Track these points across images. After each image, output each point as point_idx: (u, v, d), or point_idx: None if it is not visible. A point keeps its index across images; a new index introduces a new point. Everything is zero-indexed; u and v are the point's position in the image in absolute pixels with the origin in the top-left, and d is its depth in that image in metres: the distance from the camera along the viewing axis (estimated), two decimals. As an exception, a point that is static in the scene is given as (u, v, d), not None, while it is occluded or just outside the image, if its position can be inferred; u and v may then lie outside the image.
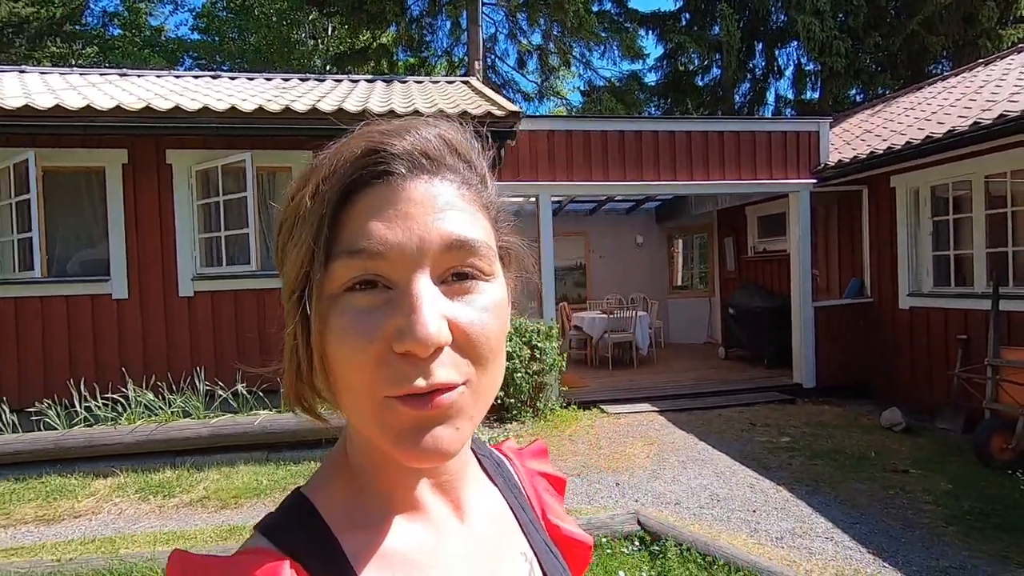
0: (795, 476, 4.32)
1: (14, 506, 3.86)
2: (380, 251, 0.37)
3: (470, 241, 0.39)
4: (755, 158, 6.76)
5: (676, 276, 11.33)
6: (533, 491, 0.58)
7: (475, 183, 0.43)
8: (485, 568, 0.46)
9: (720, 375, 7.61)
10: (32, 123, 4.77)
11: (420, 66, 15.31)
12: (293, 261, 0.39)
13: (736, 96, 15.05)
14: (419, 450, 0.37)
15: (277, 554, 0.38)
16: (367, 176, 0.39)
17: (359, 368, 0.37)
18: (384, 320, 0.37)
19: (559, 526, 0.57)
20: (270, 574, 0.36)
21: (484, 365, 0.39)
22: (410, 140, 0.40)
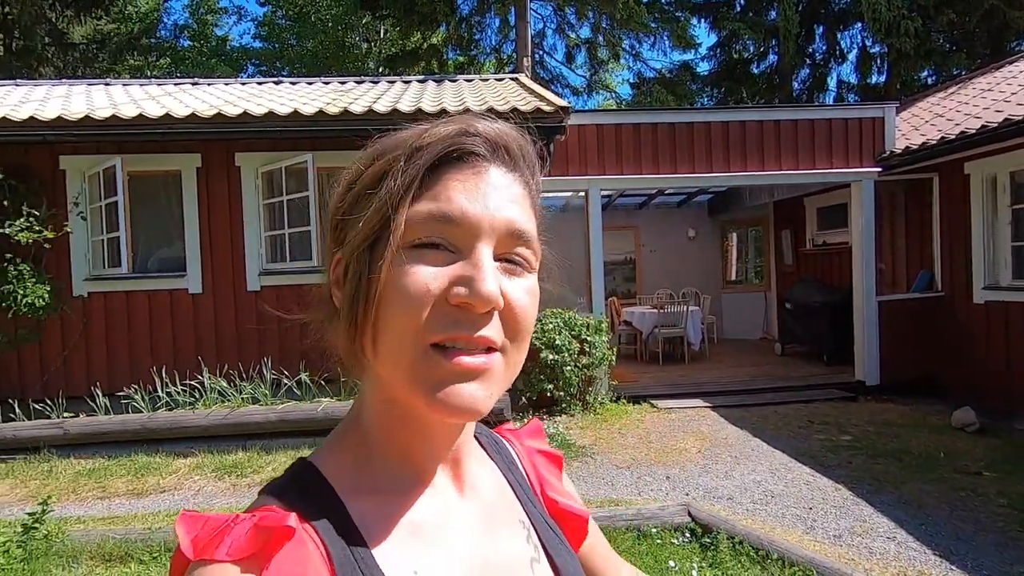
0: (856, 475, 4.18)
1: (109, 480, 4.25)
2: (457, 218, 0.41)
3: (528, 233, 0.44)
4: (814, 147, 6.52)
5: (730, 270, 11.03)
6: (532, 467, 0.60)
7: (533, 188, 0.47)
8: (486, 533, 0.48)
9: (776, 371, 7.40)
10: (118, 132, 5.19)
11: (469, 64, 15.50)
12: (374, 212, 0.42)
13: (794, 83, 14.46)
14: (453, 403, 0.40)
15: (283, 507, 0.40)
16: (458, 152, 0.43)
17: (415, 310, 0.39)
18: (447, 272, 0.40)
19: (556, 500, 0.59)
20: (277, 519, 0.38)
21: (518, 341, 0.43)
22: (497, 131, 0.45)
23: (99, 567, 3.02)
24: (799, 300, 7.79)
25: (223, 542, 0.37)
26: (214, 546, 0.37)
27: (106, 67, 15.96)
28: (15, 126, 5.02)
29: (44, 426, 4.74)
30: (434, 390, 0.40)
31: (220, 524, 0.38)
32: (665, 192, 9.30)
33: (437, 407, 0.40)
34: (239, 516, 0.38)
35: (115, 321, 5.62)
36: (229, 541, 0.37)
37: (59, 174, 5.61)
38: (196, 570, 0.36)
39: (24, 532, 3.02)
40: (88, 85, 7.49)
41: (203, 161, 5.71)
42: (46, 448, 4.67)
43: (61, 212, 5.48)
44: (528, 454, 0.61)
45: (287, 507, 0.40)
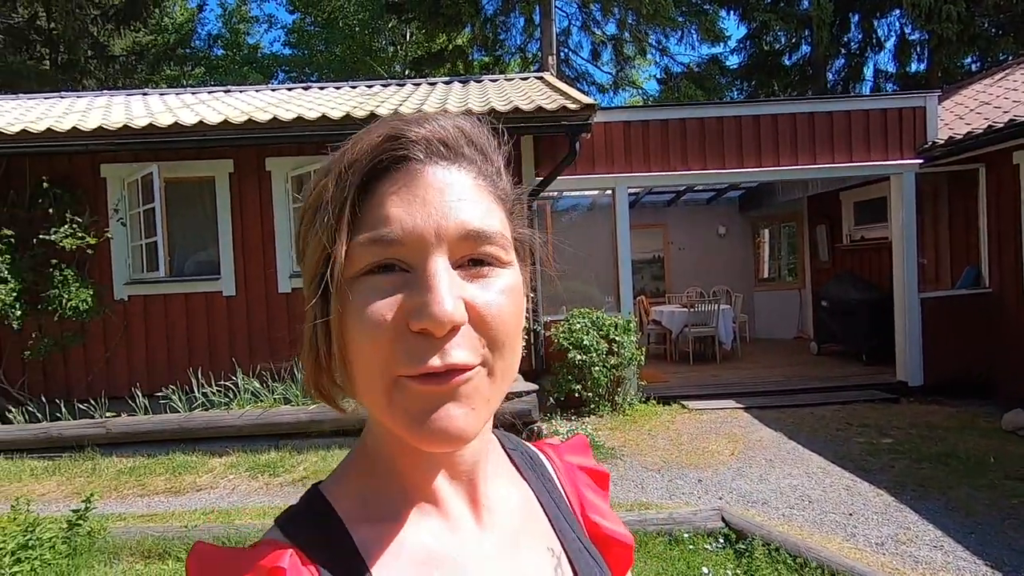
0: (898, 480, 4.01)
1: (148, 479, 4.38)
2: (398, 237, 0.38)
3: (486, 231, 0.39)
4: (850, 139, 6.30)
5: (762, 268, 10.77)
6: (572, 487, 0.56)
7: (491, 174, 0.43)
8: (504, 561, 0.45)
9: (812, 371, 7.18)
10: (155, 140, 5.35)
11: (494, 64, 15.52)
12: (315, 246, 0.40)
13: (829, 74, 14.04)
14: (432, 431, 0.37)
15: (284, 543, 0.39)
16: (387, 161, 0.39)
17: (375, 345, 0.37)
18: (402, 299, 0.37)
19: (599, 524, 0.54)
20: (271, 559, 0.37)
21: (500, 348, 0.39)
22: (428, 128, 0.40)
23: (139, 563, 3.11)
24: (836, 297, 7.54)
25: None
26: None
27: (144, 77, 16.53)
28: (60, 136, 5.22)
29: (88, 425, 4.92)
30: (413, 421, 0.37)
31: (225, 559, 0.38)
32: (694, 189, 9.13)
33: (418, 438, 0.37)
34: (244, 551, 0.38)
35: (154, 323, 5.80)
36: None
37: (100, 182, 5.82)
38: None
39: (69, 528, 3.13)
40: (127, 96, 7.75)
41: (235, 166, 5.84)
42: (90, 446, 4.84)
43: (102, 219, 5.69)
44: (568, 471, 0.57)
45: (290, 541, 0.40)
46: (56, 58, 15.17)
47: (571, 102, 5.54)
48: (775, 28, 13.50)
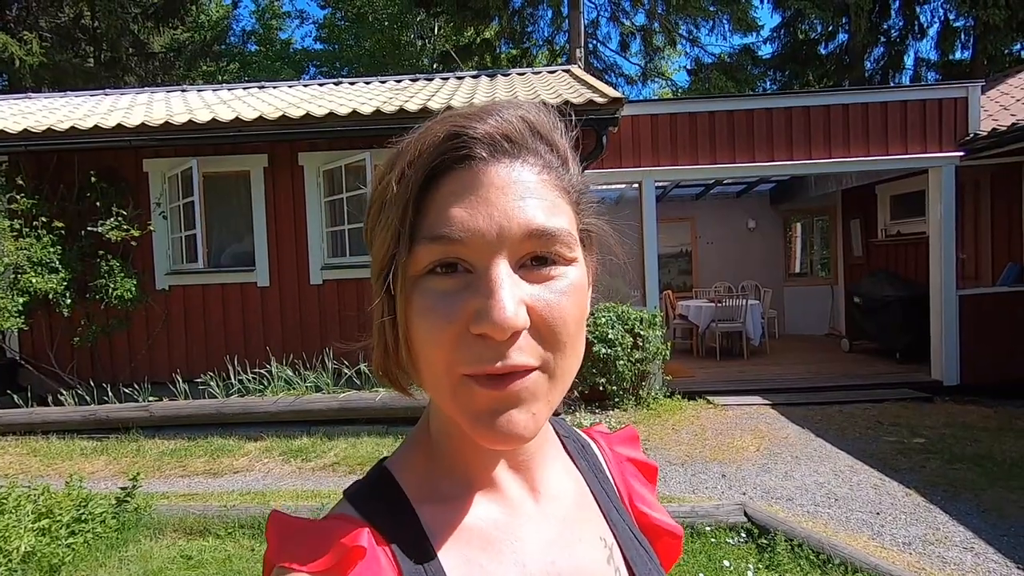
0: (929, 480, 3.94)
1: (188, 460, 4.59)
2: (460, 237, 0.37)
3: (550, 230, 0.38)
4: (887, 131, 6.13)
5: (794, 263, 10.56)
6: (620, 476, 0.56)
7: (556, 166, 0.42)
8: (560, 549, 0.45)
9: (842, 369, 7.05)
10: (194, 135, 5.55)
11: (522, 57, 15.49)
12: (380, 243, 0.41)
13: (867, 63, 13.58)
14: (494, 432, 0.38)
15: (359, 520, 0.41)
16: (449, 161, 0.39)
17: (438, 346, 0.38)
18: (463, 302, 0.37)
19: (648, 514, 0.55)
20: (352, 538, 0.38)
21: (562, 349, 0.39)
22: (492, 123, 0.39)
23: (181, 539, 3.29)
24: (869, 293, 7.37)
25: (303, 552, 0.38)
26: (295, 554, 0.38)
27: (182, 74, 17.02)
28: (105, 133, 5.46)
29: (132, 408, 5.17)
30: (475, 420, 0.38)
31: (303, 531, 0.40)
32: (723, 182, 8.99)
33: (480, 436, 0.39)
34: (320, 524, 0.40)
35: (193, 312, 6.05)
36: (308, 551, 0.38)
37: (143, 176, 6.07)
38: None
39: (118, 505, 3.33)
40: (167, 92, 8.03)
41: (269, 161, 6.02)
42: (135, 428, 5.09)
43: (145, 211, 5.93)
44: (618, 461, 0.57)
45: (363, 518, 0.41)
46: (100, 56, 15.73)
47: (599, 95, 5.53)
48: (811, 16, 13.11)
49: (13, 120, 6.02)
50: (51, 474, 4.31)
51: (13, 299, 5.33)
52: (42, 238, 5.51)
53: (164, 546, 3.20)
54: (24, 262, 5.36)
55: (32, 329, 5.83)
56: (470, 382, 0.38)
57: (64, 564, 2.89)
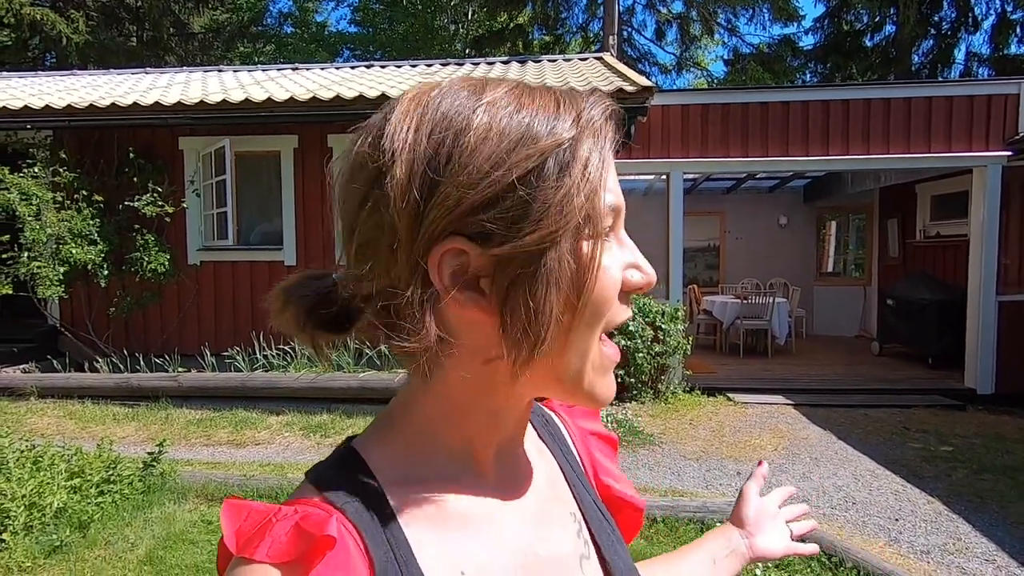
0: (954, 489, 3.83)
1: (213, 430, 4.75)
2: (619, 205, 0.41)
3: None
4: (929, 128, 5.89)
5: (826, 262, 10.27)
6: (584, 450, 0.56)
7: None
8: (536, 526, 0.45)
9: (871, 372, 6.86)
10: (227, 115, 5.67)
11: (555, 43, 15.32)
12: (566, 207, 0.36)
13: (914, 56, 13.04)
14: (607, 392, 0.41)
15: (325, 505, 0.38)
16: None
17: (606, 305, 0.39)
18: (621, 261, 0.41)
19: (611, 487, 0.56)
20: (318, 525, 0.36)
21: None
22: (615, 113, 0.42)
23: (203, 505, 3.41)
24: (904, 296, 7.14)
25: (264, 540, 0.35)
26: (256, 543, 0.35)
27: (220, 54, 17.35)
28: (143, 110, 5.62)
29: (162, 378, 5.36)
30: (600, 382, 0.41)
31: (262, 518, 0.37)
32: (756, 176, 8.78)
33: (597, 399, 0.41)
34: (281, 509, 0.37)
35: (222, 288, 6.21)
36: (270, 540, 0.35)
37: (178, 154, 6.23)
38: (238, 567, 0.36)
39: (144, 469, 3.47)
40: (204, 72, 8.19)
41: (300, 142, 6.11)
42: (164, 397, 5.28)
43: (179, 188, 6.10)
44: (582, 435, 0.57)
45: (330, 502, 0.38)
46: (142, 35, 16.13)
47: (628, 84, 5.45)
48: (857, 6, 12.65)
49: (58, 96, 6.23)
50: (85, 436, 4.50)
51: (54, 268, 5.55)
52: (82, 211, 5.71)
53: (186, 510, 3.32)
54: (65, 233, 5.58)
55: (72, 298, 6.08)
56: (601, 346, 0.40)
57: (93, 521, 3.03)
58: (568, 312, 0.37)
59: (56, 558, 2.78)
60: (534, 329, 0.37)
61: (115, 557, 2.82)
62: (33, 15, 13.17)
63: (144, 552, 2.89)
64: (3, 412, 5.03)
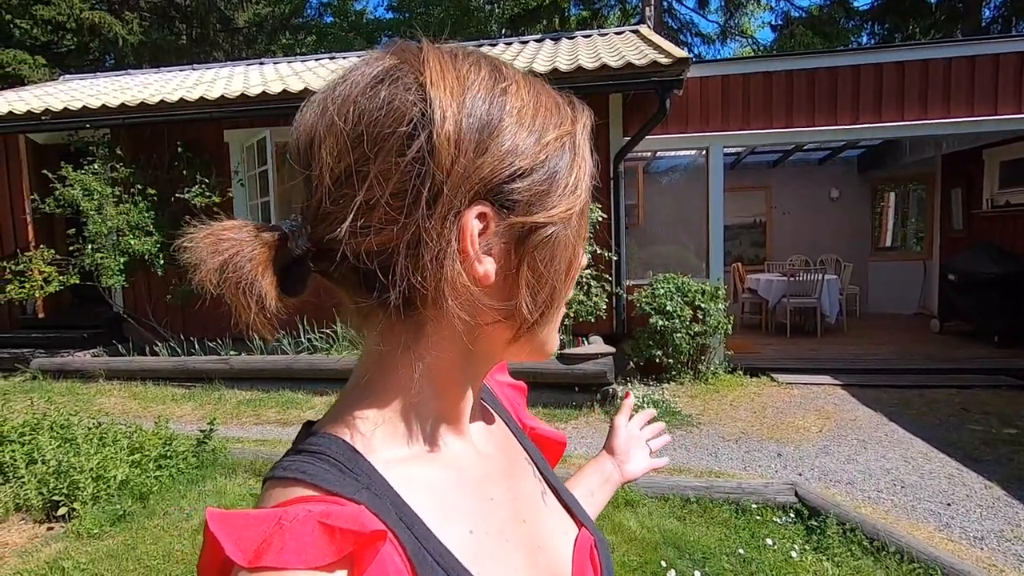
0: (1016, 474, 3.60)
1: (261, 410, 4.99)
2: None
3: None
4: (996, 87, 5.45)
5: (884, 235, 9.73)
6: (506, 400, 0.61)
7: None
8: (507, 477, 0.49)
9: (929, 351, 6.50)
10: (267, 106, 5.83)
11: (592, 19, 14.96)
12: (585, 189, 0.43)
13: (985, 10, 12.01)
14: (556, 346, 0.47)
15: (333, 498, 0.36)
16: None
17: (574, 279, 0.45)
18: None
19: (534, 427, 0.62)
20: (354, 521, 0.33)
21: None
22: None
23: (251, 480, 3.60)
24: (966, 270, 6.69)
25: (285, 545, 0.31)
26: (273, 550, 0.31)
27: (264, 47, 17.81)
28: (190, 105, 5.85)
29: (214, 361, 5.65)
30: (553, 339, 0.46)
31: (267, 522, 0.32)
32: (804, 148, 8.37)
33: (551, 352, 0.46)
34: (286, 511, 0.33)
35: (268, 275, 6.46)
36: (294, 544, 0.31)
37: (224, 146, 6.48)
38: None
39: (198, 445, 3.69)
40: (247, 66, 8.45)
41: (336, 130, 6.22)
42: (217, 379, 5.57)
43: (226, 180, 6.35)
44: (499, 388, 0.62)
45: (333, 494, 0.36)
46: (191, 32, 16.74)
47: (663, 56, 5.27)
48: (919, -41, 11.72)
49: (113, 95, 6.57)
50: (146, 415, 4.82)
51: (115, 259, 5.91)
52: (138, 204, 6.04)
53: (237, 484, 3.52)
54: (124, 225, 5.92)
55: (133, 287, 6.47)
56: None
57: (152, 493, 3.25)
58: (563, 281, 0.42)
59: (120, 526, 3.01)
60: (544, 295, 0.40)
61: (172, 526, 3.03)
62: (92, 18, 13.88)
63: (198, 522, 3.08)
64: (75, 393, 5.44)
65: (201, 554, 0.34)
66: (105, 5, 15.13)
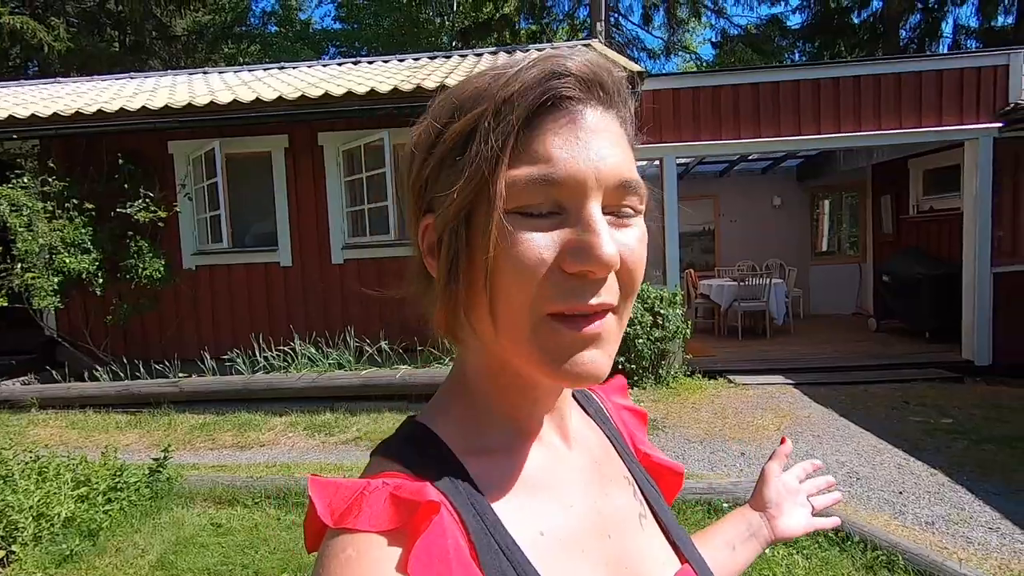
0: (956, 460, 3.87)
1: (217, 434, 4.75)
2: (560, 178, 0.37)
3: (635, 182, 0.40)
4: (920, 102, 5.89)
5: (820, 241, 10.30)
6: (622, 423, 0.59)
7: (629, 122, 0.43)
8: (596, 487, 0.48)
9: (869, 349, 6.91)
10: (216, 117, 5.62)
11: (541, 33, 15.23)
12: (467, 180, 0.38)
13: (902, 31, 13.01)
14: (575, 371, 0.38)
15: (412, 476, 0.39)
16: (551, 99, 0.38)
17: (527, 282, 0.37)
18: (559, 240, 0.38)
19: (650, 455, 0.59)
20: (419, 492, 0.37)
21: (631, 295, 0.41)
22: (589, 68, 0.39)
23: (211, 508, 3.42)
24: (899, 272, 7.17)
25: (361, 511, 0.36)
26: (352, 514, 0.36)
27: (204, 56, 17.16)
28: (131, 115, 5.56)
29: (163, 384, 5.35)
30: (557, 360, 0.38)
31: (353, 491, 0.37)
32: (748, 158, 8.78)
33: (561, 377, 0.39)
34: (370, 483, 0.38)
35: (219, 291, 6.19)
36: (368, 511, 0.36)
37: (168, 158, 6.18)
38: (337, 537, 0.36)
39: (151, 475, 3.47)
40: (190, 75, 8.11)
41: (290, 142, 6.07)
42: (166, 403, 5.27)
43: (171, 193, 6.05)
44: (616, 410, 0.60)
45: (414, 473, 0.39)
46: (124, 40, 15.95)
47: (618, 70, 5.40)
48: (843, -17, 12.60)
49: (43, 104, 6.16)
50: (88, 446, 4.50)
51: (49, 279, 5.52)
52: (74, 220, 5.67)
53: (195, 514, 3.33)
54: (58, 243, 5.54)
55: (68, 308, 6.04)
56: (552, 321, 0.38)
57: (102, 528, 3.03)
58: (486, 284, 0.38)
59: (67, 567, 2.78)
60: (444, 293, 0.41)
61: (126, 563, 2.83)
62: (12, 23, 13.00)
63: (155, 557, 2.89)
64: (5, 425, 5.02)
65: (306, 515, 0.39)
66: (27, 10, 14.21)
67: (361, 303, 5.99)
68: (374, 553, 0.35)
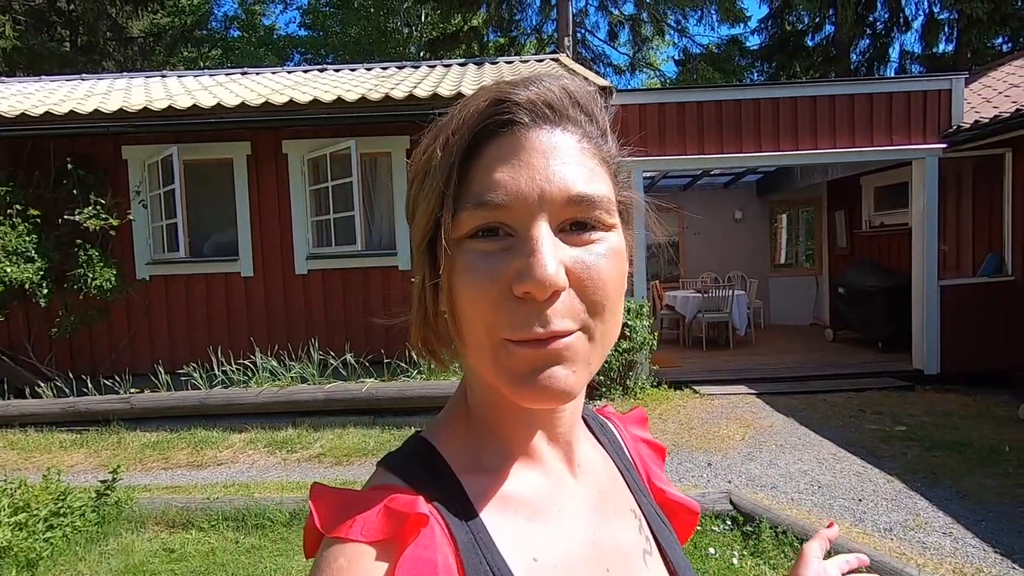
0: (910, 467, 4.01)
1: (171, 452, 4.52)
2: (504, 201, 0.38)
3: (590, 195, 0.39)
4: (872, 123, 6.17)
5: (779, 253, 10.65)
6: (638, 455, 0.58)
7: (596, 136, 0.42)
8: (599, 518, 0.47)
9: (826, 358, 7.14)
10: (174, 122, 5.42)
11: (510, 46, 15.35)
12: (424, 210, 0.41)
13: (853, 55, 13.67)
14: (535, 389, 0.38)
15: (409, 490, 0.40)
16: (492, 126, 0.39)
17: (480, 309, 0.38)
18: (506, 263, 0.38)
19: (665, 491, 0.57)
20: (410, 505, 0.37)
21: (601, 313, 0.39)
22: (534, 90, 0.40)
23: (164, 532, 3.24)
24: (853, 284, 7.46)
25: (355, 521, 0.37)
26: (347, 524, 0.37)
27: (162, 60, 16.63)
28: (82, 119, 5.31)
29: (113, 400, 5.08)
30: (516, 381, 0.38)
31: (350, 501, 0.39)
32: (711, 173, 9.02)
33: (522, 396, 0.39)
34: (368, 493, 0.39)
35: (175, 303, 5.94)
36: (362, 521, 0.37)
37: (122, 163, 5.92)
38: (331, 547, 0.37)
39: (98, 498, 3.27)
40: (146, 78, 7.83)
41: (253, 149, 5.90)
42: (115, 421, 5.00)
43: (124, 200, 5.79)
44: (633, 441, 0.59)
45: (411, 487, 0.40)
46: (76, 40, 15.31)
47: (582, 85, 5.47)
48: (798, 7, 13.17)
49: (-15, 105, 5.83)
50: (29, 467, 4.22)
51: (-13, 289, 5.19)
52: (17, 226, 5.36)
53: (146, 539, 3.15)
54: (-2, 251, 5.22)
55: (8, 320, 5.69)
56: (511, 345, 0.38)
57: (42, 559, 2.83)
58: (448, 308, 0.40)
59: (2, 601, 2.59)
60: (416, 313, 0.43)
61: (69, 595, 2.65)
62: (-47, 19, 12.32)
63: (101, 587, 2.72)
64: (-66, 446, 4.67)
65: (306, 522, 0.40)
66: (-30, 5, 13.50)
67: (326, 314, 5.84)
68: (364, 564, 0.36)
